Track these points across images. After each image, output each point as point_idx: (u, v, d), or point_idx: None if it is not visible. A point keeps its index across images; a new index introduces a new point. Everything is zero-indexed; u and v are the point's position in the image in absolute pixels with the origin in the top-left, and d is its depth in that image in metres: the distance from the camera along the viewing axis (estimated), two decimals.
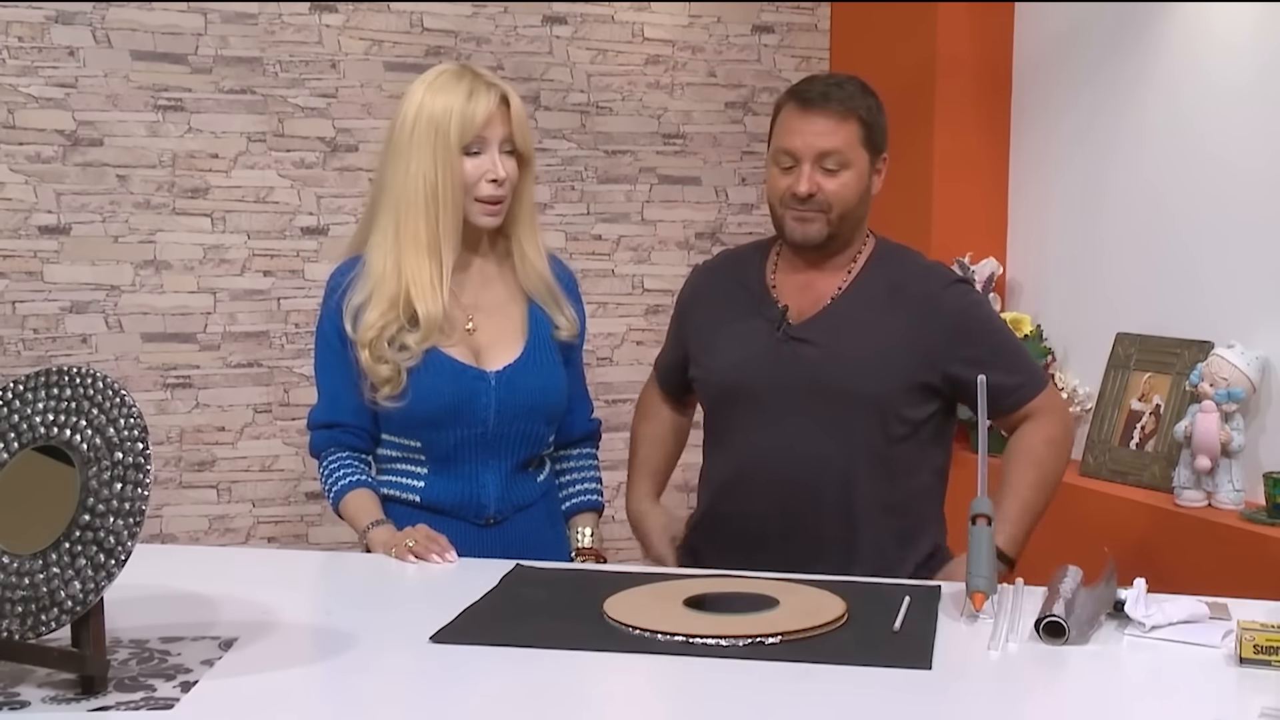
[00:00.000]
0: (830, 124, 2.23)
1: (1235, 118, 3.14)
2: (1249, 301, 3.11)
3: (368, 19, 3.92)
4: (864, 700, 1.53)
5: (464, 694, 1.54)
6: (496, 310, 2.26)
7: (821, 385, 2.24)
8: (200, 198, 3.82)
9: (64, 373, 1.57)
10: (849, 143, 2.24)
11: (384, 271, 2.17)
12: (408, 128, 2.17)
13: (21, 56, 3.64)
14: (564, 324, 2.31)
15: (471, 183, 2.17)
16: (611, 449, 4.15)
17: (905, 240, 2.46)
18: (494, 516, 2.24)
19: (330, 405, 2.26)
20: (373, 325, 2.16)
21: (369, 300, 2.17)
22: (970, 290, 2.37)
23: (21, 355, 3.68)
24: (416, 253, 2.16)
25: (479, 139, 2.16)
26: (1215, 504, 3.00)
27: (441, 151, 2.15)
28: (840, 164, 2.24)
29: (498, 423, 2.21)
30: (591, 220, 4.18)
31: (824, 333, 2.28)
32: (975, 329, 2.29)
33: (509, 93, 2.20)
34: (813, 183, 2.23)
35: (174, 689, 1.50)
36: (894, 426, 2.25)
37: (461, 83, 2.17)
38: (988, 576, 1.78)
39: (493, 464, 2.23)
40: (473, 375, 2.20)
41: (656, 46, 4.21)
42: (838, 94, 2.25)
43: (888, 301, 2.28)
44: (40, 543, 1.49)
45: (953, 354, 2.24)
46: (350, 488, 2.23)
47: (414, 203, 2.16)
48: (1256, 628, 1.62)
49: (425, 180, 2.15)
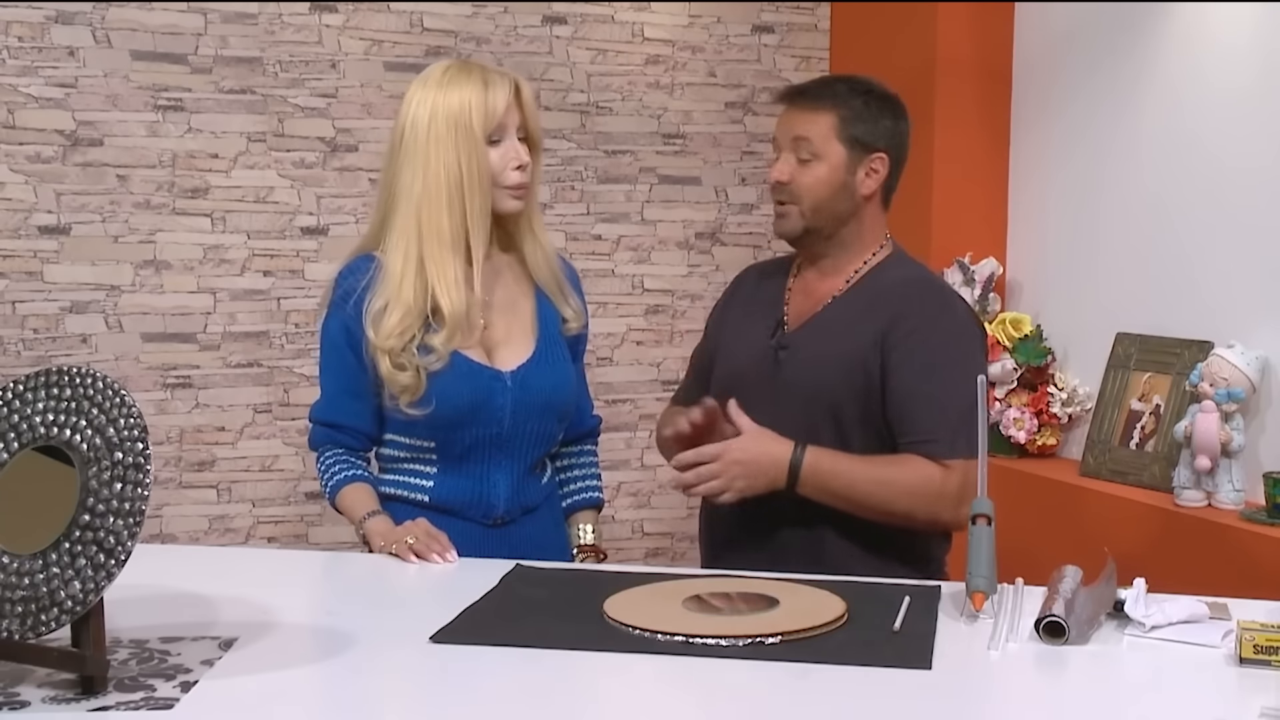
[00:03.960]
0: (805, 114, 2.26)
1: (1235, 118, 3.14)
2: (1249, 301, 3.11)
3: (368, 19, 3.92)
4: (864, 700, 1.53)
5: (464, 694, 1.54)
6: (507, 307, 2.26)
7: (791, 389, 2.24)
8: (200, 198, 3.82)
9: (64, 373, 1.57)
10: (821, 133, 2.24)
11: (403, 274, 2.16)
12: (422, 126, 2.16)
13: (21, 56, 3.64)
14: (571, 315, 2.31)
15: (499, 171, 2.18)
16: (611, 449, 4.18)
17: (905, 240, 2.45)
18: (502, 517, 2.24)
19: (330, 405, 2.26)
20: (393, 332, 2.15)
21: (390, 304, 2.16)
22: (949, 316, 2.25)
23: (21, 355, 3.68)
24: (441, 249, 2.16)
25: (500, 127, 2.17)
26: (1215, 504, 3.00)
27: (465, 144, 2.15)
28: (811, 154, 2.24)
29: (513, 423, 2.21)
30: (591, 220, 4.18)
31: (806, 339, 2.28)
32: (932, 357, 2.19)
33: (520, 80, 2.22)
34: (783, 170, 2.25)
35: (174, 689, 1.50)
36: (857, 438, 2.22)
37: (474, 75, 2.18)
38: (988, 576, 1.78)
39: (505, 464, 2.23)
40: (489, 375, 2.20)
41: (656, 46, 4.21)
42: (820, 89, 2.28)
43: (866, 311, 2.26)
44: (40, 543, 1.49)
45: (893, 360, 2.20)
46: (347, 481, 2.23)
47: (437, 199, 2.15)
48: (1256, 628, 1.62)
49: (450, 175, 2.15)
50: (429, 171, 2.16)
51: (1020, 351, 3.64)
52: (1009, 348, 3.65)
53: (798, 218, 2.26)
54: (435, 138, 2.15)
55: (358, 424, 2.25)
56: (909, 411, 2.19)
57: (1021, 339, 3.66)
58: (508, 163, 2.18)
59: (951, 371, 2.17)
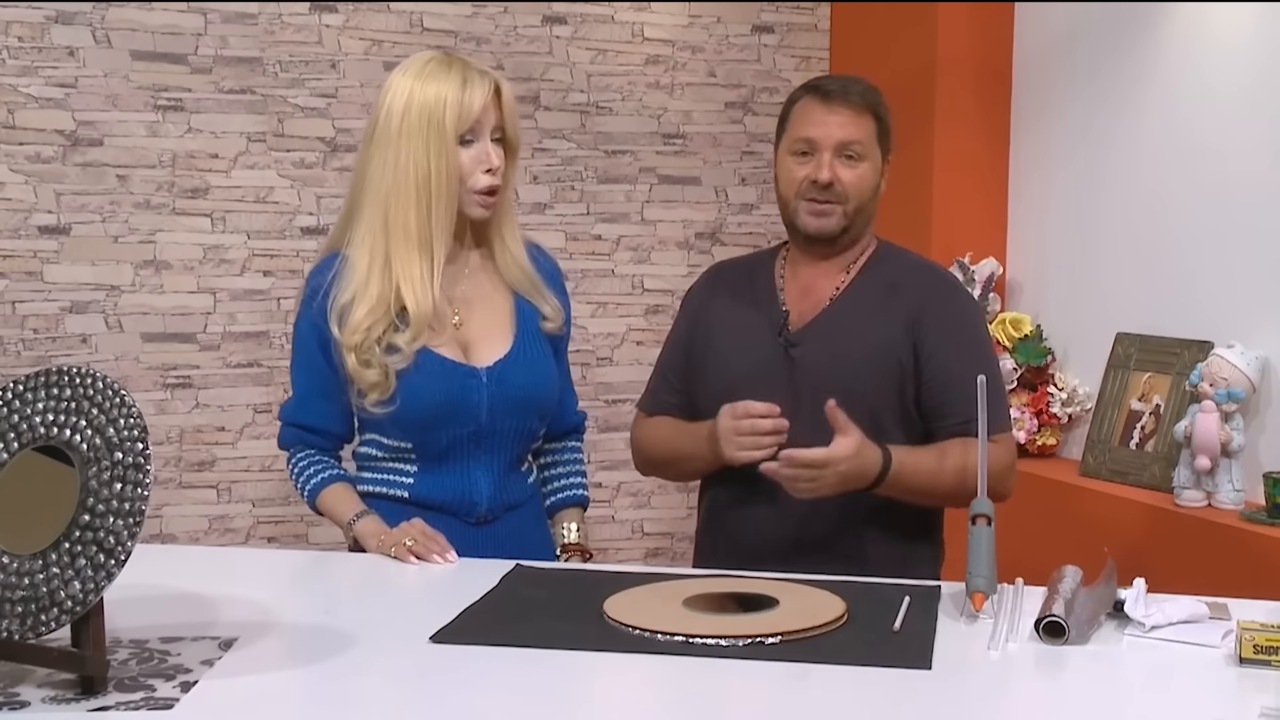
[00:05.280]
0: (851, 114, 2.27)
1: (1235, 117, 3.14)
2: (1249, 301, 3.11)
3: (368, 19, 3.93)
4: (864, 700, 1.53)
5: (464, 694, 1.54)
6: (483, 303, 2.23)
7: (816, 388, 2.23)
8: (200, 198, 3.82)
9: (64, 373, 1.57)
10: (868, 135, 2.28)
11: (369, 267, 2.13)
12: (395, 117, 2.12)
13: (21, 56, 3.64)
14: (549, 312, 2.27)
15: (468, 173, 2.14)
16: (611, 449, 4.18)
17: (905, 240, 2.46)
18: (486, 515, 2.22)
19: (301, 406, 2.24)
20: (359, 327, 2.12)
21: (354, 299, 2.13)
22: (969, 300, 2.39)
23: (21, 355, 3.68)
24: (407, 246, 2.12)
25: (474, 127, 2.13)
26: (1215, 504, 3.00)
27: (435, 140, 2.11)
28: (859, 154, 2.27)
29: (490, 419, 2.18)
30: (591, 220, 4.18)
31: (821, 336, 2.28)
32: (965, 340, 2.28)
33: (500, 80, 2.18)
34: (833, 171, 2.26)
35: (174, 689, 1.50)
36: (892, 427, 2.24)
37: (453, 71, 2.13)
38: (988, 576, 1.78)
39: (486, 461, 2.21)
40: (464, 372, 2.17)
41: (656, 46, 4.21)
42: (856, 88, 2.30)
43: (885, 301, 2.29)
44: (40, 543, 1.49)
45: (928, 347, 2.26)
46: (327, 482, 2.22)
47: (404, 194, 2.12)
48: (1256, 628, 1.62)
49: (417, 170, 2.11)
50: (398, 165, 2.12)
51: (1020, 351, 3.64)
52: (1009, 348, 3.65)
53: (841, 217, 2.28)
54: (407, 130, 2.11)
55: (328, 425, 2.23)
56: (951, 394, 2.21)
57: (1021, 339, 3.66)
58: (478, 165, 2.14)
59: (982, 352, 2.29)
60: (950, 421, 2.23)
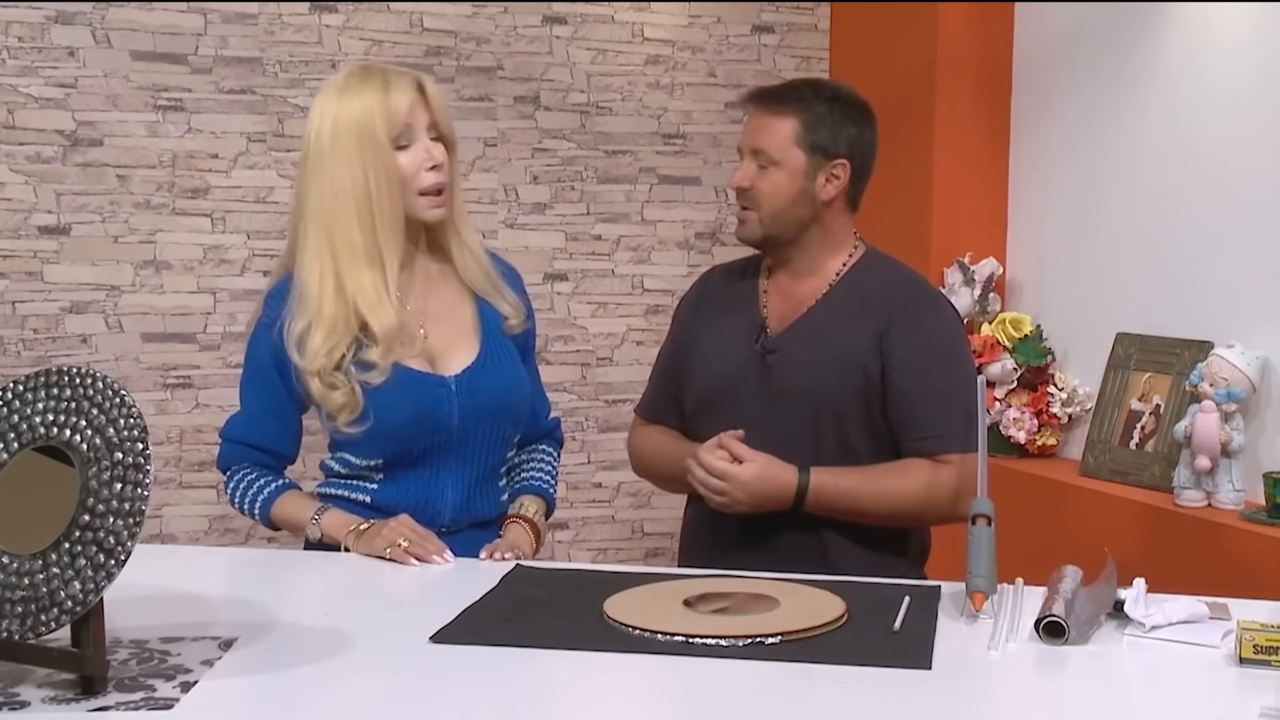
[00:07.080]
0: (763, 120, 2.26)
1: (1235, 117, 3.14)
2: (1249, 301, 3.11)
3: (368, 19, 3.92)
4: (864, 700, 1.53)
5: (464, 694, 1.54)
6: (446, 313, 2.19)
7: (786, 392, 2.24)
8: (200, 198, 3.82)
9: (64, 373, 1.57)
10: (780, 141, 2.24)
11: (320, 292, 2.09)
12: (325, 138, 2.09)
13: (21, 56, 3.64)
14: (509, 311, 2.23)
15: (410, 176, 2.10)
16: (611, 449, 4.18)
17: (906, 240, 2.47)
18: (448, 525, 2.17)
19: (249, 425, 2.20)
20: (319, 352, 2.08)
21: (311, 326, 2.09)
22: (945, 315, 2.31)
23: (21, 355, 3.68)
24: (355, 264, 2.09)
25: (406, 129, 2.10)
26: (1215, 504, 3.00)
27: (370, 151, 2.07)
28: (769, 161, 2.24)
29: (462, 428, 2.15)
30: (591, 220, 4.18)
31: (794, 341, 2.27)
32: (935, 355, 2.24)
33: (423, 78, 2.14)
34: (744, 176, 2.26)
35: (174, 689, 1.50)
36: (858, 438, 2.23)
37: (373, 79, 2.10)
38: (988, 576, 1.78)
39: (456, 471, 2.17)
40: (432, 382, 2.14)
41: (656, 46, 4.21)
42: (784, 94, 2.27)
43: (858, 312, 2.26)
44: (40, 543, 1.49)
45: (895, 360, 2.22)
46: (279, 491, 2.19)
47: (344, 212, 2.08)
48: (1256, 628, 1.62)
49: (355, 185, 2.07)
50: (336, 184, 2.08)
51: (1020, 351, 3.64)
52: (1009, 348, 3.65)
53: (757, 224, 2.27)
54: (338, 149, 2.08)
55: (278, 445, 2.20)
56: (914, 409, 2.20)
57: (1021, 339, 3.66)
58: (420, 164, 2.10)
59: (950, 368, 2.23)
60: (912, 436, 2.21)
